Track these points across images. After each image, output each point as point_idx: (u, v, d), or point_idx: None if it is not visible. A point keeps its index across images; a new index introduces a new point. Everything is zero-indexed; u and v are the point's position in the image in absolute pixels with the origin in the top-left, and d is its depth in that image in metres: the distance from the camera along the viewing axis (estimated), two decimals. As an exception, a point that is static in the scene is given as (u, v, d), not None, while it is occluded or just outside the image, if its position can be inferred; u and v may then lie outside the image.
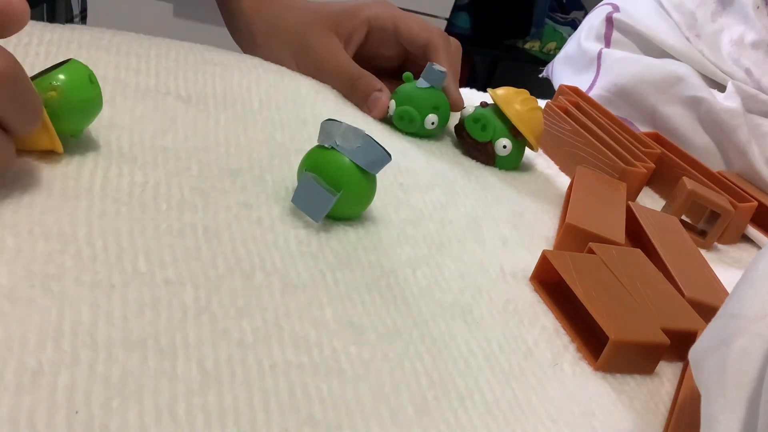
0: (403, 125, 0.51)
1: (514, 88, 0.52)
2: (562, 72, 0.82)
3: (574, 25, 1.95)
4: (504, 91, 0.52)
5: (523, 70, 1.82)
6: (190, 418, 0.24)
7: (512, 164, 0.53)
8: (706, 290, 0.42)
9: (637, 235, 0.47)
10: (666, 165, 0.61)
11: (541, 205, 0.50)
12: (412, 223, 0.41)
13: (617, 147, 0.56)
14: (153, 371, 0.25)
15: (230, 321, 0.29)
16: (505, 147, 0.51)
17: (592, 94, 0.72)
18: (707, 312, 0.37)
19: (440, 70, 0.51)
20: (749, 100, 0.67)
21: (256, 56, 0.54)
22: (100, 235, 0.30)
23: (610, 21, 0.76)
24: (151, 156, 0.37)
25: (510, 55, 2.01)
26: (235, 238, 0.33)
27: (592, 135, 0.57)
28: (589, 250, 0.41)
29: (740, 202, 0.56)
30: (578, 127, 0.58)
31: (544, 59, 1.91)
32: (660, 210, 0.54)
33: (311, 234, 0.36)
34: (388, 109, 0.52)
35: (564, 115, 0.60)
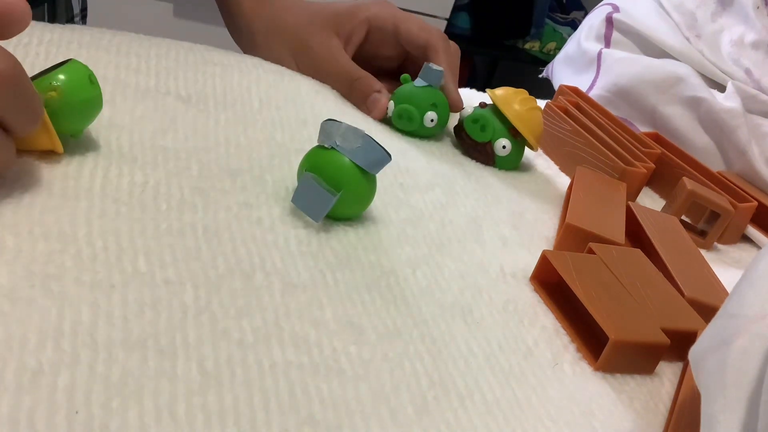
0: (403, 124, 0.51)
1: (513, 88, 0.52)
2: (562, 72, 0.82)
3: (574, 25, 1.95)
4: (503, 92, 0.51)
5: (523, 70, 1.82)
6: (190, 418, 0.24)
7: (512, 164, 0.53)
8: (706, 290, 0.42)
9: (637, 235, 0.47)
10: (666, 165, 0.61)
11: (541, 205, 0.50)
12: (412, 223, 0.41)
13: (617, 147, 0.56)
14: (153, 371, 0.25)
15: (230, 321, 0.29)
16: (504, 147, 0.51)
17: (592, 95, 0.72)
18: (707, 312, 0.37)
19: (437, 69, 0.51)
20: (749, 100, 0.67)
21: (256, 56, 0.54)
22: (100, 235, 0.30)
23: (610, 21, 0.76)
24: (151, 156, 0.37)
25: (510, 56, 2.02)
26: (235, 238, 0.33)
27: (592, 135, 0.57)
28: (589, 250, 0.41)
29: (740, 202, 0.56)
30: (578, 128, 0.58)
31: (544, 59, 1.91)
32: (660, 210, 0.54)
33: (311, 234, 0.36)
34: (387, 110, 0.52)
35: (564, 116, 0.60)
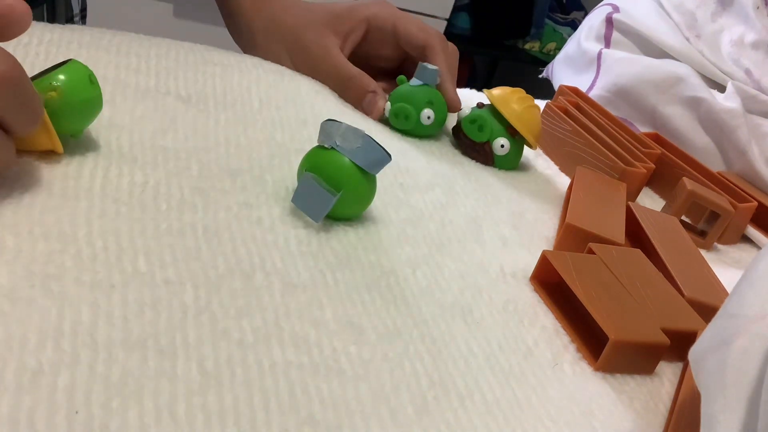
0: (399, 123, 0.51)
1: (510, 87, 0.52)
2: (562, 72, 0.82)
3: (574, 26, 1.95)
4: (499, 91, 0.52)
5: (523, 70, 1.82)
6: (190, 418, 0.24)
7: (511, 163, 0.53)
8: (706, 290, 0.42)
9: (637, 235, 0.47)
10: (666, 165, 0.61)
11: (541, 205, 0.50)
12: (412, 223, 0.41)
13: (617, 147, 0.56)
14: (153, 371, 0.25)
15: (230, 321, 0.29)
16: (503, 146, 0.51)
17: (592, 95, 0.72)
18: (707, 312, 0.37)
19: (432, 68, 0.51)
20: (749, 100, 0.68)
21: (256, 56, 0.54)
22: (100, 235, 0.30)
23: (610, 21, 0.76)
24: (151, 156, 0.37)
25: (510, 56, 2.02)
26: (235, 238, 0.33)
27: (592, 135, 0.57)
28: (589, 250, 0.41)
29: (740, 202, 0.56)
30: (578, 128, 0.58)
31: (544, 59, 1.91)
32: (660, 210, 0.54)
33: (311, 234, 0.36)
34: (384, 110, 0.52)
35: (564, 116, 0.60)
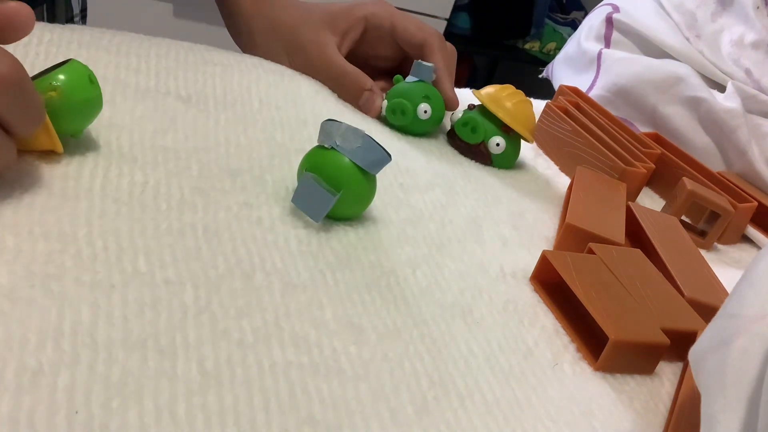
0: (397, 119, 0.51)
1: (499, 84, 0.52)
2: (562, 72, 0.82)
3: (574, 26, 1.95)
4: (489, 91, 0.52)
5: (523, 70, 1.82)
6: (190, 418, 0.24)
7: (509, 160, 0.53)
8: (706, 290, 0.42)
9: (637, 235, 0.47)
10: (666, 165, 0.61)
11: (541, 205, 0.50)
12: (412, 223, 0.41)
13: (617, 147, 0.56)
14: (153, 371, 0.25)
15: (230, 321, 0.29)
16: (498, 145, 0.51)
17: (592, 95, 0.72)
18: (707, 312, 0.37)
19: (427, 65, 0.51)
20: (749, 100, 0.68)
21: (255, 55, 0.54)
22: (100, 235, 0.30)
23: (610, 21, 0.76)
24: (151, 156, 0.37)
25: (510, 56, 2.02)
26: (235, 238, 0.33)
27: (592, 135, 0.57)
28: (589, 250, 0.41)
29: (740, 202, 0.56)
30: (578, 128, 0.58)
31: (544, 59, 1.91)
32: (660, 210, 0.54)
33: (311, 234, 0.36)
34: (382, 109, 0.52)
35: (564, 116, 0.60)
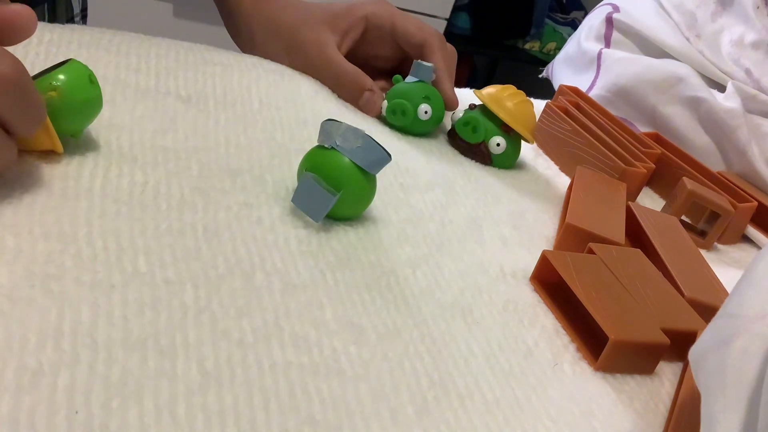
0: (397, 119, 0.51)
1: (500, 84, 0.52)
2: (562, 72, 0.82)
3: (574, 25, 1.95)
4: (489, 91, 0.52)
5: (523, 70, 1.82)
6: (190, 418, 0.24)
7: (509, 160, 0.53)
8: (706, 290, 0.42)
9: (637, 235, 0.47)
10: (666, 165, 0.61)
11: (541, 205, 0.50)
12: (412, 223, 0.41)
13: (617, 147, 0.56)
14: (153, 371, 0.25)
15: (230, 321, 0.29)
16: (498, 145, 0.51)
17: (592, 95, 0.72)
18: (707, 312, 0.37)
19: (427, 65, 0.51)
20: (749, 100, 0.67)
21: (255, 55, 0.54)
22: (100, 235, 0.30)
23: (610, 21, 0.76)
24: (151, 156, 0.37)
25: (510, 55, 2.02)
26: (235, 238, 0.33)
27: (592, 135, 0.57)
28: (589, 250, 0.41)
29: (740, 202, 0.56)
30: (578, 128, 0.58)
31: (544, 59, 1.91)
32: (660, 210, 0.54)
33: (311, 234, 0.36)
34: (382, 109, 0.52)
35: (564, 116, 0.60)
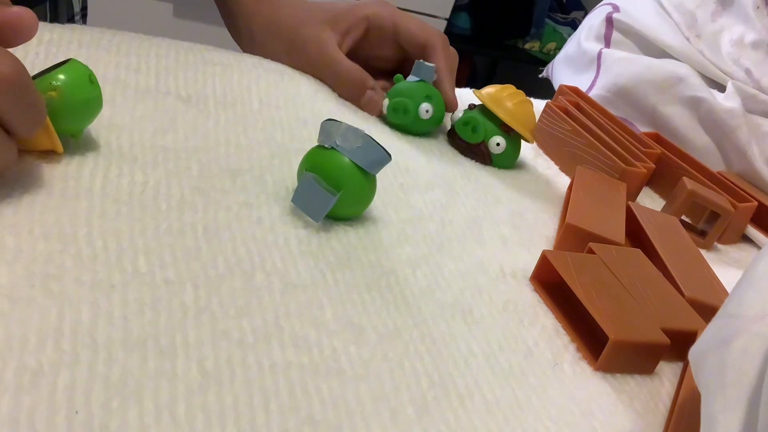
0: (398, 117, 0.51)
1: (500, 84, 0.52)
2: (562, 72, 0.82)
3: (574, 25, 1.95)
4: (489, 90, 0.52)
5: (523, 70, 1.82)
6: (190, 418, 0.24)
7: (509, 160, 0.53)
8: (706, 290, 0.42)
9: (637, 235, 0.47)
10: (666, 165, 0.61)
11: (541, 205, 0.50)
12: (412, 223, 0.41)
13: (617, 147, 0.56)
14: (153, 371, 0.25)
15: (230, 321, 0.29)
16: (498, 145, 0.51)
17: (592, 94, 0.72)
18: (707, 312, 0.37)
19: (429, 65, 0.51)
20: (749, 100, 0.68)
21: (256, 55, 0.54)
22: (100, 235, 0.30)
23: (610, 21, 0.76)
24: (151, 156, 0.37)
25: (510, 55, 2.02)
26: (235, 238, 0.33)
27: (592, 135, 0.57)
28: (589, 250, 0.41)
29: (740, 202, 0.56)
30: (578, 128, 0.58)
31: (544, 59, 1.91)
32: (660, 210, 0.54)
33: (311, 234, 0.36)
34: (383, 108, 0.52)
35: (564, 116, 0.60)
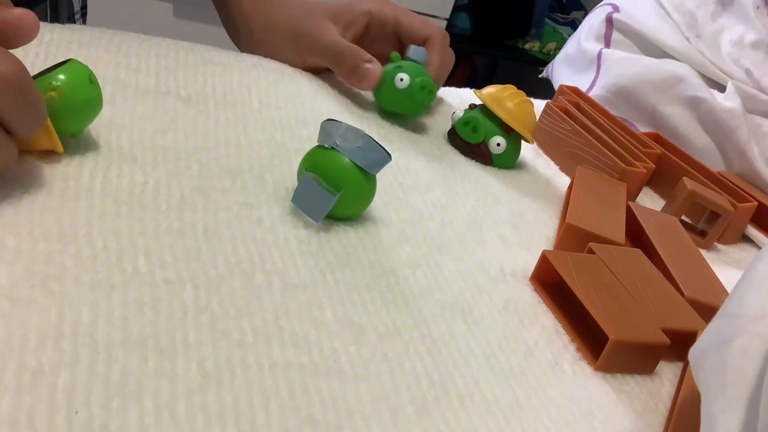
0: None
1: (500, 84, 0.52)
2: (562, 72, 0.82)
3: (574, 25, 1.95)
4: (490, 90, 0.52)
5: (523, 70, 1.82)
6: (190, 418, 0.24)
7: (509, 160, 0.53)
8: (706, 290, 0.42)
9: (637, 235, 0.47)
10: (666, 165, 0.61)
11: (541, 205, 0.50)
12: (412, 223, 0.41)
13: (617, 147, 0.56)
14: (153, 371, 0.25)
15: (230, 321, 0.29)
16: (498, 145, 0.51)
17: (592, 95, 0.72)
18: (707, 312, 0.37)
19: (419, 48, 0.52)
20: (749, 100, 0.68)
21: (256, 54, 0.54)
22: (100, 235, 0.30)
23: (610, 21, 0.76)
24: (151, 156, 0.37)
25: (510, 55, 2.01)
26: (235, 238, 0.33)
27: (592, 135, 0.57)
28: (589, 250, 0.41)
29: (740, 202, 0.56)
30: (578, 128, 0.58)
31: (544, 59, 1.91)
32: (660, 210, 0.54)
33: (311, 234, 0.36)
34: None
35: (564, 116, 0.60)
